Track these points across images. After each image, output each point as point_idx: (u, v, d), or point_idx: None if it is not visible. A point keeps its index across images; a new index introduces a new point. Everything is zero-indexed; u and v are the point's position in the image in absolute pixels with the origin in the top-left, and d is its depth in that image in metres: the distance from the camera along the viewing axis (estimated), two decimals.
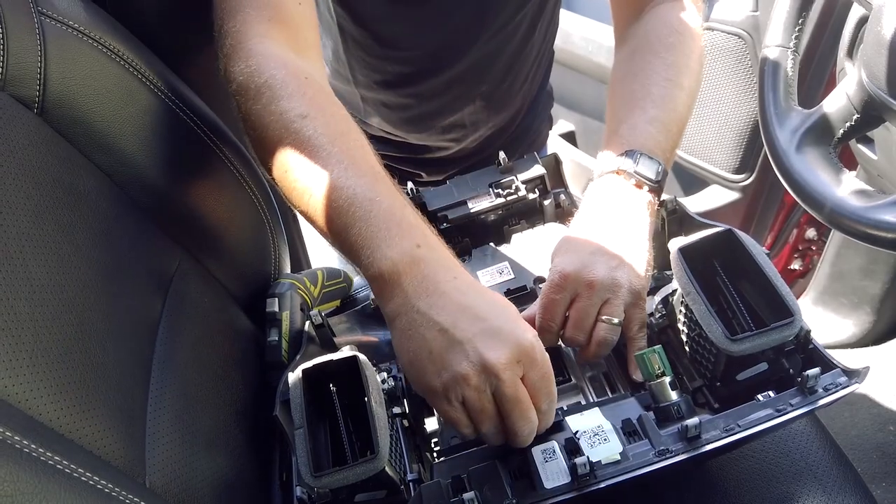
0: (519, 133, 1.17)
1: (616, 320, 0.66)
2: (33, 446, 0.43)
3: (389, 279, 0.58)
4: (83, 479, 0.46)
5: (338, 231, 0.61)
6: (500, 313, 0.56)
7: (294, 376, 0.62)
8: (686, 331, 0.69)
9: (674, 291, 0.72)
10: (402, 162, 1.15)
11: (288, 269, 0.95)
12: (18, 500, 0.39)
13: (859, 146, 1.01)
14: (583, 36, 1.69)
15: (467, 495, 0.55)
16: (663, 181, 0.73)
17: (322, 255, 1.28)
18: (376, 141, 1.12)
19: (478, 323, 0.55)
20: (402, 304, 0.58)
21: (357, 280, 0.99)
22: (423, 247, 0.58)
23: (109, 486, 0.48)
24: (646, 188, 0.72)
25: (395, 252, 0.57)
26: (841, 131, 0.86)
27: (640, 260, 0.68)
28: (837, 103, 0.85)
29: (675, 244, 0.67)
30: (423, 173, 1.16)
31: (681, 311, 0.69)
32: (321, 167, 0.61)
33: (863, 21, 0.87)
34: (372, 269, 0.58)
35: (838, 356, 0.63)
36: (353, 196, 0.59)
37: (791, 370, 0.64)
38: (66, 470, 0.45)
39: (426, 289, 0.57)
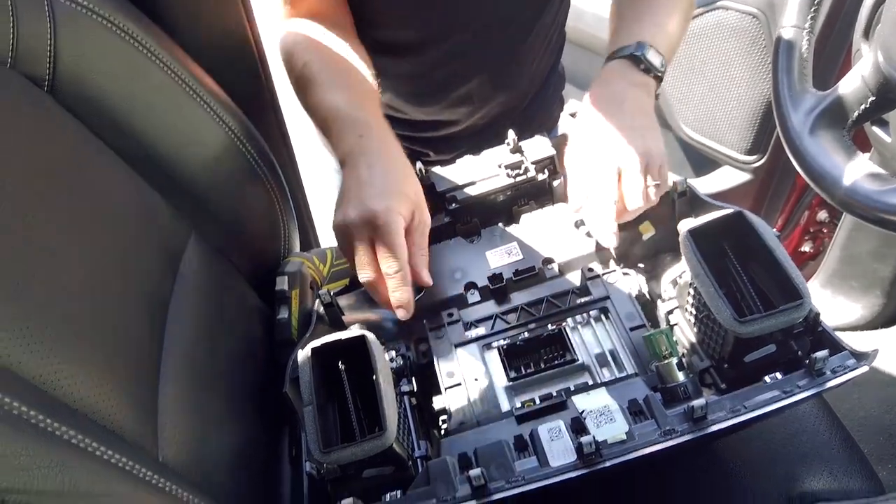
0: (529, 113, 1.16)
1: (658, 182, 0.75)
2: (49, 421, 0.44)
3: (342, 163, 0.77)
4: (97, 453, 0.47)
5: (326, 135, 0.81)
6: (376, 185, 0.72)
7: (303, 354, 0.62)
8: (694, 312, 0.69)
9: (682, 273, 0.72)
10: (410, 141, 1.14)
11: (297, 248, 0.95)
12: (35, 474, 0.40)
13: (874, 128, 1.00)
14: (595, 14, 1.67)
15: (473, 472, 0.56)
16: (663, 76, 0.84)
17: (331, 234, 1.28)
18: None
19: (359, 190, 0.72)
20: (342, 178, 0.76)
21: None
22: (364, 136, 0.77)
23: (123, 459, 0.48)
24: (651, 74, 0.83)
25: (346, 144, 0.77)
26: (855, 114, 0.85)
27: (656, 128, 0.79)
28: (852, 85, 0.84)
29: (684, 226, 0.67)
30: (430, 152, 1.16)
31: (689, 292, 0.69)
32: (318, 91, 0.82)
33: (880, 1, 0.85)
34: (338, 158, 0.79)
35: (847, 339, 0.63)
36: (334, 108, 0.80)
37: (799, 352, 0.64)
38: (81, 444, 0.46)
39: (354, 165, 0.75)
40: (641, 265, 0.83)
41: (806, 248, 1.62)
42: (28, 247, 0.52)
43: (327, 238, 1.27)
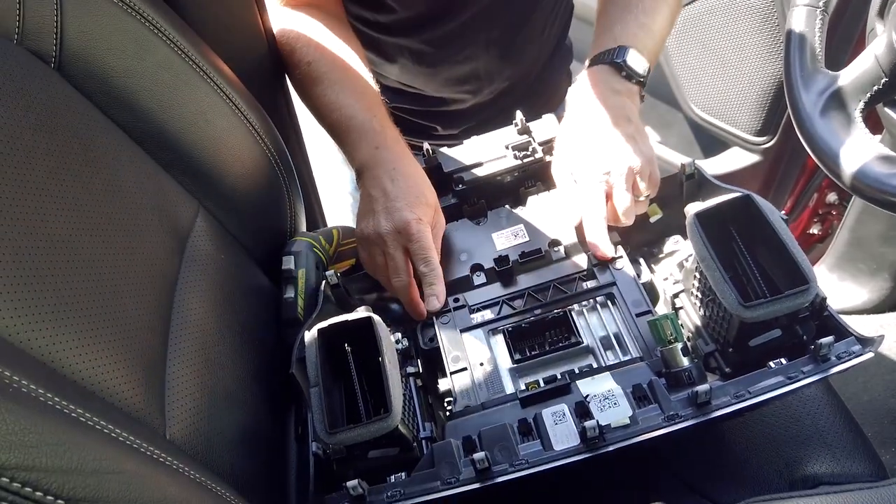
0: (537, 88, 1.15)
1: (648, 192, 0.77)
2: (56, 398, 0.44)
3: (360, 171, 0.83)
4: (105, 431, 0.47)
5: (339, 140, 0.88)
6: (403, 198, 0.78)
7: (310, 335, 0.63)
8: (700, 296, 0.68)
9: (689, 256, 0.72)
10: (417, 115, 1.14)
11: (304, 228, 0.95)
12: (43, 451, 0.41)
13: (886, 110, 0.99)
14: None
15: (478, 455, 0.56)
16: (646, 79, 0.84)
17: (337, 213, 1.28)
18: (392, 93, 1.11)
19: (387, 202, 0.78)
20: (363, 186, 0.82)
21: None
22: (380, 148, 0.82)
23: (131, 437, 0.49)
24: (633, 81, 0.82)
25: (363, 154, 0.83)
26: (868, 95, 0.83)
27: (642, 133, 0.79)
28: (865, 65, 0.83)
29: (691, 209, 0.67)
30: (438, 127, 1.16)
31: (695, 276, 0.69)
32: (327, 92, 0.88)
33: None
34: (354, 165, 0.85)
35: (853, 322, 0.63)
36: (348, 116, 0.85)
37: (805, 337, 0.63)
38: (89, 422, 0.46)
39: (376, 176, 0.81)
40: (647, 248, 0.83)
41: (815, 230, 1.61)
42: (34, 224, 0.52)
43: (333, 218, 1.27)
